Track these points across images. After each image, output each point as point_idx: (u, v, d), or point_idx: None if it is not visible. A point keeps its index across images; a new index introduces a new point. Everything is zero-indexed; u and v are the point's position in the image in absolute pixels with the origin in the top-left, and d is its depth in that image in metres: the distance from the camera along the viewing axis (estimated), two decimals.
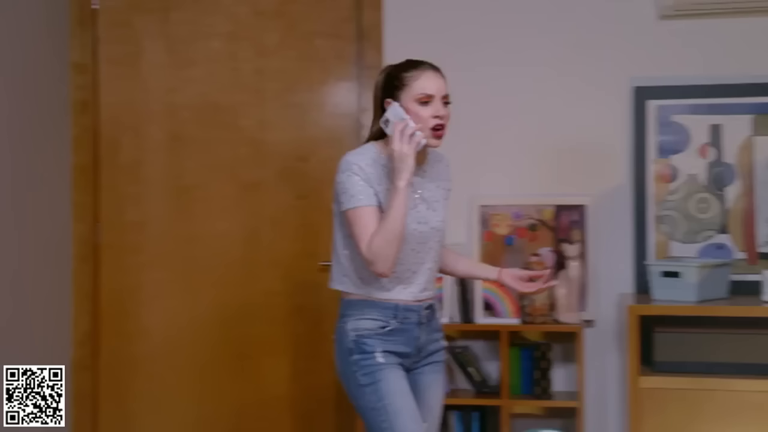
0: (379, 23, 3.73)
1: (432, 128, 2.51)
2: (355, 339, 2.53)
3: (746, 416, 3.04)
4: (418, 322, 2.58)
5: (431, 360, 2.65)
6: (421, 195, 2.59)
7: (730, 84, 3.47)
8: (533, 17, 3.62)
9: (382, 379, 2.50)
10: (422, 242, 2.57)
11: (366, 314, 2.55)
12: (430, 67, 2.57)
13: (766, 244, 3.42)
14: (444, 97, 2.55)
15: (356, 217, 2.48)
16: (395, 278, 2.54)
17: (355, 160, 2.53)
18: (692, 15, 3.48)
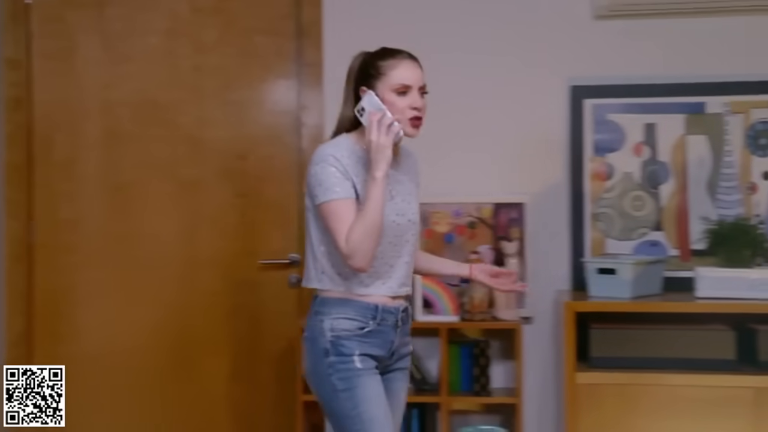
0: (318, 20, 3.72)
1: (409, 119, 2.46)
2: (333, 340, 2.45)
3: (680, 410, 3.10)
4: (395, 324, 2.52)
5: (401, 365, 2.59)
6: (397, 187, 2.53)
7: (664, 84, 3.53)
8: (471, 17, 3.65)
9: (359, 385, 2.43)
10: (399, 235, 2.51)
11: (344, 313, 2.46)
12: (408, 56, 2.50)
13: (698, 242, 3.49)
14: (421, 87, 2.49)
15: (332, 210, 2.41)
16: (373, 273, 2.47)
17: (330, 151, 2.46)
18: (627, 15, 3.53)
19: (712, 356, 3.14)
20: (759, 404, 3.05)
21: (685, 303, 3.20)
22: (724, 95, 3.50)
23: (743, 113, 3.50)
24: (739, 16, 3.51)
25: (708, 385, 3.08)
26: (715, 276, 3.23)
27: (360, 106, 2.46)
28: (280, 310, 3.76)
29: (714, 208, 3.51)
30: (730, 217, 3.45)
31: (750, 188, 3.50)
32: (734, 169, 3.51)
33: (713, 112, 3.52)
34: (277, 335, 3.75)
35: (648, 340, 3.18)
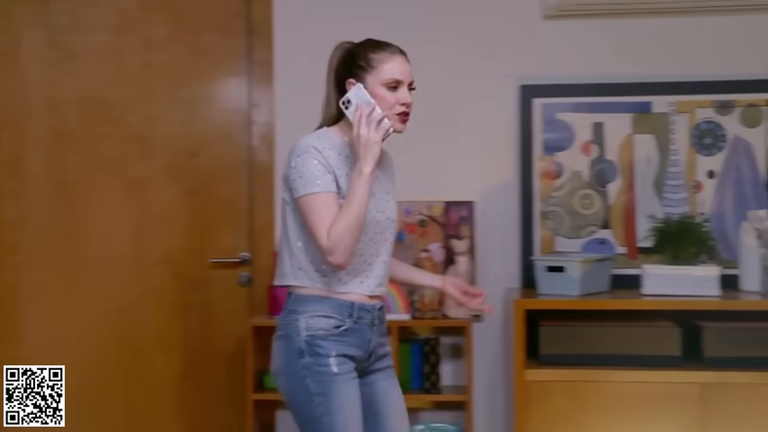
0: (269, 18, 3.70)
1: (397, 114, 2.41)
2: (308, 340, 2.37)
3: (627, 406, 3.14)
4: (371, 323, 2.46)
5: (382, 365, 2.52)
6: (376, 183, 2.46)
7: (611, 83, 3.57)
8: (421, 16, 3.65)
9: (335, 392, 2.36)
10: (379, 232, 2.46)
11: (320, 311, 2.39)
12: (399, 50, 2.45)
13: (645, 239, 3.54)
14: (410, 83, 2.45)
15: (313, 203, 2.33)
16: (352, 270, 2.41)
17: (312, 143, 2.39)
18: (575, 15, 3.57)
19: (658, 353, 3.18)
20: (704, 400, 3.10)
21: (632, 300, 3.24)
22: (670, 95, 3.55)
23: (689, 113, 3.55)
24: (685, 17, 3.57)
25: (654, 381, 3.12)
26: (661, 273, 3.27)
27: (346, 98, 2.39)
28: (231, 308, 3.74)
29: (660, 206, 3.56)
30: (676, 215, 3.50)
31: (695, 187, 3.56)
32: (680, 168, 3.56)
33: (659, 111, 3.57)
34: (228, 334, 3.74)
35: (596, 337, 3.22)
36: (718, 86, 3.53)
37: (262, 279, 3.66)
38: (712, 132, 3.55)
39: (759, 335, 3.15)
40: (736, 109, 3.53)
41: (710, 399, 3.10)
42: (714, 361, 3.15)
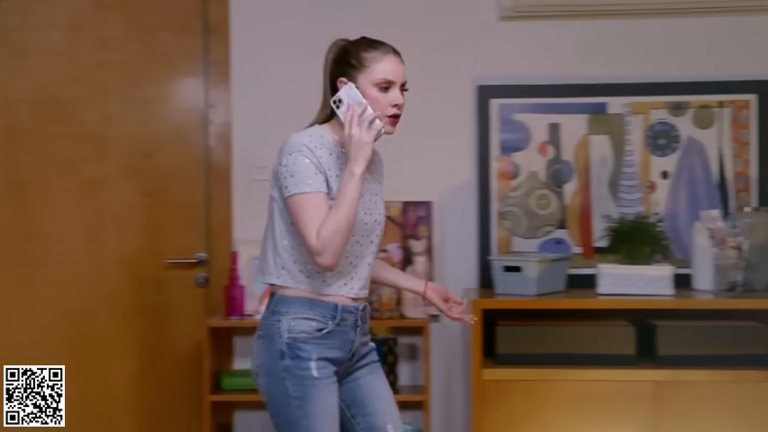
0: (225, 17, 3.69)
1: (388, 116, 2.37)
2: (289, 342, 2.34)
3: (584, 404, 3.16)
4: (354, 324, 2.42)
5: (365, 362, 2.49)
6: (365, 185, 2.40)
7: (567, 84, 3.60)
8: (377, 16, 3.65)
9: (313, 397, 2.33)
10: (366, 235, 2.43)
11: (303, 314, 2.36)
12: (392, 50, 2.41)
13: (600, 239, 3.58)
14: (403, 84, 2.41)
15: (304, 203, 2.29)
16: (336, 272, 2.37)
17: (304, 141, 2.34)
18: (531, 17, 3.59)
19: (613, 351, 3.21)
20: (657, 397, 3.14)
21: (588, 299, 3.27)
22: (625, 96, 3.59)
23: (643, 114, 3.60)
24: (639, 19, 3.61)
25: (609, 380, 3.16)
26: (616, 273, 3.31)
27: (337, 97, 2.35)
28: (187, 309, 3.72)
29: (615, 206, 3.60)
30: (631, 215, 3.54)
31: (649, 187, 3.60)
32: (635, 169, 3.61)
33: (615, 112, 3.60)
34: (184, 335, 3.71)
35: (552, 337, 3.25)
36: (672, 88, 3.58)
37: (219, 280, 3.63)
38: (665, 133, 3.60)
39: (711, 333, 3.20)
40: (689, 110, 3.58)
41: (664, 397, 3.14)
42: (667, 360, 3.19)
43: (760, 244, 3.35)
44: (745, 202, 3.54)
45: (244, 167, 3.69)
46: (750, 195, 3.55)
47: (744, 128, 3.56)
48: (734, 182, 3.56)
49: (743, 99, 3.56)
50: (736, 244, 3.28)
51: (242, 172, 3.69)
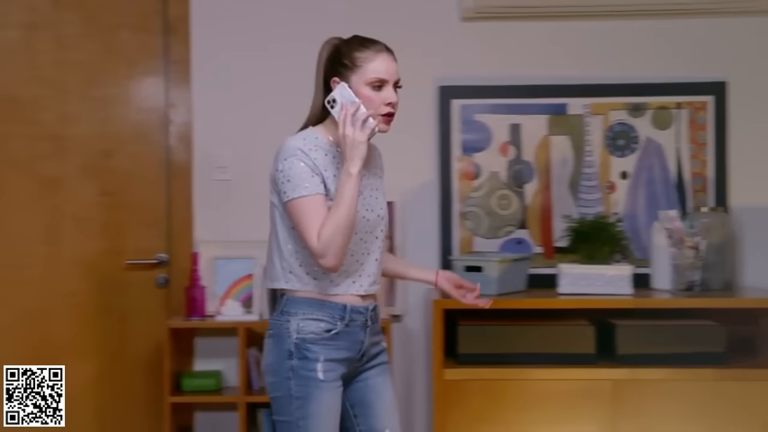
0: (186, 16, 3.66)
1: (382, 115, 2.37)
2: (297, 342, 2.36)
3: (544, 403, 3.18)
4: (364, 324, 2.44)
5: (375, 363, 2.50)
6: (364, 181, 2.42)
7: (528, 85, 3.62)
8: (339, 16, 3.65)
9: (316, 398, 2.35)
10: (369, 231, 2.43)
11: (312, 314, 2.38)
12: (385, 48, 2.40)
13: (561, 239, 3.60)
14: (396, 82, 2.41)
15: (303, 207, 2.31)
16: (343, 271, 2.38)
17: (298, 144, 2.36)
18: (493, 18, 3.60)
19: (573, 351, 3.24)
20: (616, 396, 3.17)
21: (548, 299, 3.29)
22: (585, 97, 3.62)
23: (602, 115, 3.63)
24: (600, 20, 3.63)
25: (569, 379, 3.18)
26: (576, 273, 3.33)
27: (331, 97, 2.36)
28: (148, 310, 3.69)
29: (576, 206, 3.63)
30: (591, 215, 3.57)
31: (609, 187, 3.63)
32: (594, 169, 3.64)
33: (575, 113, 3.63)
34: (144, 336, 3.68)
35: (513, 336, 3.26)
36: (631, 89, 3.61)
37: (180, 280, 3.61)
38: (624, 134, 3.63)
39: (669, 332, 3.23)
40: (648, 111, 3.62)
41: (623, 395, 3.17)
42: (626, 358, 3.22)
43: (717, 243, 3.40)
44: (702, 202, 3.58)
45: (204, 167, 3.67)
46: (707, 195, 3.59)
47: (701, 129, 3.61)
48: (692, 183, 3.61)
49: (700, 100, 3.60)
50: (693, 243, 3.32)
51: (203, 172, 3.67)
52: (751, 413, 3.14)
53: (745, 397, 3.15)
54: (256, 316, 3.48)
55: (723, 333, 3.23)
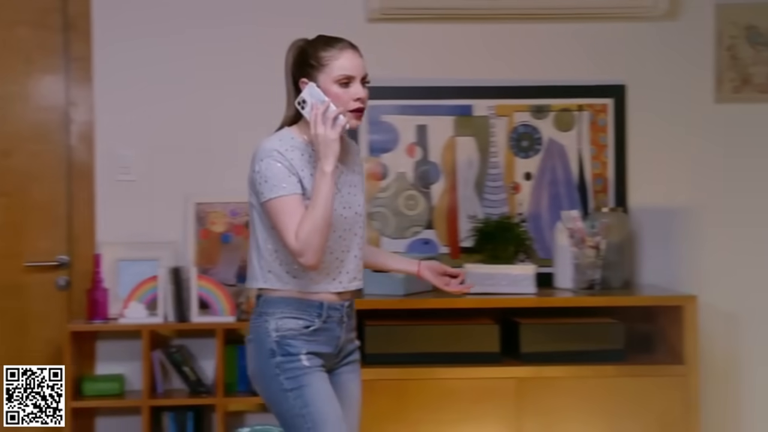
0: (87, 12, 3.59)
1: (351, 111, 2.39)
2: (278, 340, 2.39)
3: (450, 402, 3.22)
4: (340, 321, 2.47)
5: (349, 360, 2.54)
6: (342, 178, 2.46)
7: (434, 86, 3.65)
8: (242, 16, 3.62)
9: (308, 384, 2.39)
10: (347, 228, 2.45)
11: (289, 312, 2.41)
12: (349, 45, 2.43)
13: (467, 239, 3.64)
14: (363, 77, 2.43)
15: (280, 206, 2.34)
16: (323, 269, 2.41)
17: (274, 145, 2.39)
18: (399, 19, 3.62)
19: (478, 349, 3.28)
20: (520, 393, 3.22)
21: (454, 299, 3.31)
22: (490, 99, 3.67)
23: (507, 116, 3.68)
24: (505, 23, 3.68)
25: (475, 378, 3.22)
26: (481, 272, 3.38)
27: (301, 98, 2.39)
28: (48, 313, 3.60)
29: (481, 207, 3.67)
30: (496, 215, 3.62)
31: (513, 188, 3.69)
32: (499, 170, 3.69)
33: (480, 114, 3.68)
34: (45, 339, 3.58)
35: (420, 336, 3.29)
36: (534, 91, 3.68)
37: (82, 282, 3.53)
38: (528, 135, 3.69)
39: (571, 330, 3.30)
40: (551, 113, 3.69)
41: (526, 393, 3.22)
42: (530, 357, 3.28)
43: (617, 243, 3.48)
44: (603, 202, 3.67)
45: (107, 167, 3.60)
46: (608, 196, 3.68)
47: (602, 131, 3.69)
48: (593, 183, 3.69)
49: (601, 103, 3.68)
50: (594, 243, 3.40)
51: (106, 172, 3.60)
52: (647, 407, 3.24)
53: (642, 392, 3.24)
54: (160, 318, 3.43)
55: (622, 330, 3.32)
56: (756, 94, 3.68)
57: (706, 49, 3.70)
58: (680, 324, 3.27)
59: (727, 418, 3.68)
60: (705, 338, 3.52)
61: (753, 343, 3.69)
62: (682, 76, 3.70)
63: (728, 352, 3.69)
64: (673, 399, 3.24)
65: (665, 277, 3.67)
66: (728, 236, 3.71)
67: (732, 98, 3.69)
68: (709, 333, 3.60)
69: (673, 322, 3.33)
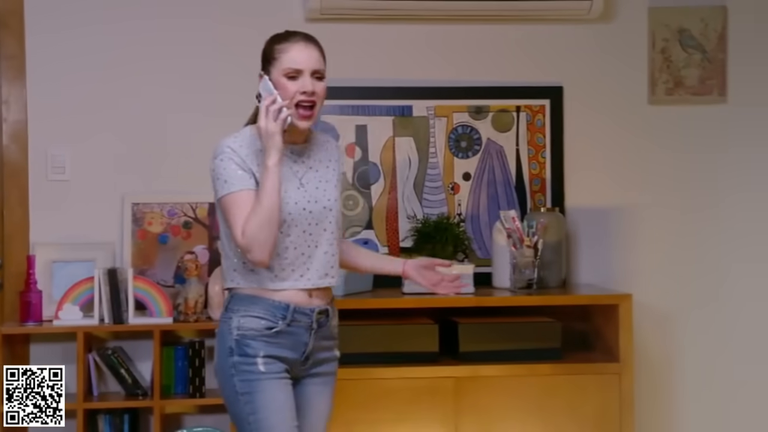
0: (20, 9, 3.52)
1: (297, 105, 2.38)
2: (238, 339, 2.38)
3: (389, 402, 3.21)
4: (309, 327, 2.43)
5: (319, 371, 2.50)
6: (308, 174, 2.46)
7: (373, 87, 3.65)
8: (180, 10, 3.59)
9: (260, 390, 2.36)
10: (315, 223, 2.43)
11: (252, 311, 2.39)
12: (302, 38, 2.43)
13: (406, 239, 3.65)
14: (315, 71, 2.41)
15: (230, 203, 2.35)
16: (288, 265, 2.40)
17: (228, 143, 2.40)
18: (337, 20, 3.61)
19: (417, 349, 3.29)
20: (458, 392, 3.24)
21: (393, 299, 3.33)
22: (429, 99, 3.68)
23: (446, 117, 3.70)
24: (444, 24, 3.70)
25: (413, 377, 3.23)
26: None
27: (257, 92, 2.42)
28: None
29: (421, 207, 3.69)
30: (435, 215, 3.64)
31: (452, 188, 3.71)
32: (438, 170, 3.70)
33: (419, 115, 3.69)
34: None
35: (359, 336, 3.28)
36: (473, 92, 3.70)
37: (14, 284, 3.46)
38: (467, 136, 3.71)
39: (509, 330, 3.33)
40: (489, 114, 3.71)
41: (464, 392, 3.24)
42: (468, 356, 3.30)
43: (553, 243, 3.52)
44: (541, 202, 3.71)
45: (41, 167, 3.54)
46: (545, 196, 3.72)
47: (539, 132, 3.73)
48: (530, 184, 3.72)
49: (538, 104, 3.72)
50: (532, 243, 3.43)
51: (39, 172, 3.54)
52: (584, 405, 3.28)
53: (579, 390, 3.28)
54: (96, 320, 3.37)
55: (559, 329, 3.35)
56: (688, 96, 3.75)
57: (640, 52, 3.76)
58: (615, 322, 3.31)
59: (661, 414, 3.74)
60: (640, 336, 3.58)
61: (686, 341, 3.76)
62: (617, 77, 3.76)
63: (662, 350, 3.75)
64: (609, 397, 3.28)
65: (601, 276, 3.72)
66: (662, 235, 3.77)
67: (665, 100, 3.75)
68: (645, 331, 3.66)
69: (608, 320, 3.37)
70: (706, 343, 3.76)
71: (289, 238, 2.41)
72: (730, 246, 3.77)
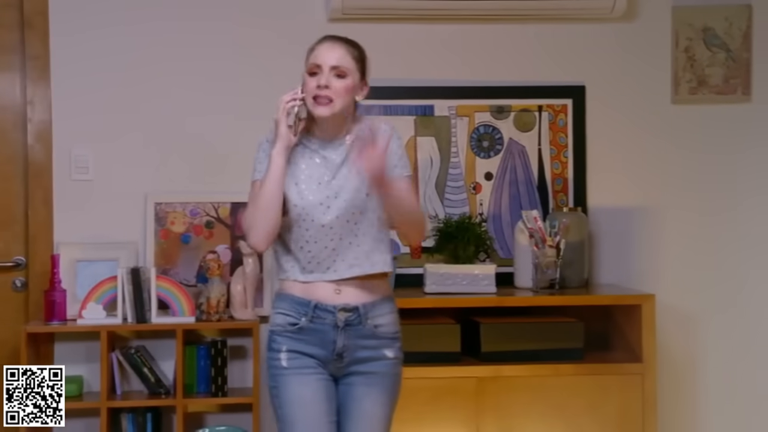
0: (45, 10, 3.54)
1: (313, 98, 2.46)
2: (269, 335, 2.51)
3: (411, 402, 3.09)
4: (334, 324, 2.46)
5: (362, 369, 2.50)
6: (336, 168, 2.50)
7: (395, 86, 3.64)
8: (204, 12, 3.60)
9: (283, 385, 2.46)
10: (334, 217, 2.46)
11: (280, 308, 2.51)
12: (330, 38, 2.53)
13: (427, 239, 3.65)
14: (334, 67, 2.47)
15: (250, 189, 2.51)
16: (313, 258, 2.47)
17: (267, 136, 2.54)
18: (360, 19, 3.61)
19: (439, 349, 3.29)
20: (479, 392, 3.24)
21: (415, 299, 3.33)
22: (451, 99, 3.68)
23: (468, 116, 3.69)
24: (466, 24, 3.69)
25: (435, 377, 3.23)
26: (441, 272, 3.39)
27: None
28: (4, 315, 3.56)
29: (443, 206, 3.68)
30: (456, 215, 3.63)
31: (474, 188, 3.70)
32: (460, 170, 3.70)
33: (441, 114, 3.69)
34: (1, 341, 3.53)
35: None
36: (495, 92, 3.69)
37: (39, 284, 3.49)
38: (489, 135, 3.71)
39: (531, 330, 3.32)
40: (511, 113, 3.71)
41: (486, 392, 3.24)
42: (490, 356, 3.29)
43: (575, 242, 3.51)
44: (563, 202, 3.70)
45: (65, 167, 3.56)
46: (567, 196, 3.71)
47: (562, 132, 3.72)
48: (552, 183, 3.71)
49: (561, 104, 3.71)
50: (554, 243, 3.42)
51: (63, 172, 3.56)
52: (606, 406, 3.27)
53: (601, 390, 3.27)
54: (119, 319, 3.39)
55: (581, 329, 3.34)
56: (712, 95, 3.73)
57: (663, 51, 3.74)
58: (638, 323, 3.30)
59: (684, 415, 3.73)
60: (662, 337, 3.56)
61: (709, 341, 3.74)
62: (639, 77, 3.74)
63: (685, 350, 3.73)
64: (631, 397, 3.27)
65: (623, 276, 3.70)
66: (685, 236, 3.75)
67: (688, 99, 3.73)
68: (667, 331, 3.64)
69: (631, 320, 3.36)
70: (729, 346, 3.74)
71: (309, 232, 2.47)
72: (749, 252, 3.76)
